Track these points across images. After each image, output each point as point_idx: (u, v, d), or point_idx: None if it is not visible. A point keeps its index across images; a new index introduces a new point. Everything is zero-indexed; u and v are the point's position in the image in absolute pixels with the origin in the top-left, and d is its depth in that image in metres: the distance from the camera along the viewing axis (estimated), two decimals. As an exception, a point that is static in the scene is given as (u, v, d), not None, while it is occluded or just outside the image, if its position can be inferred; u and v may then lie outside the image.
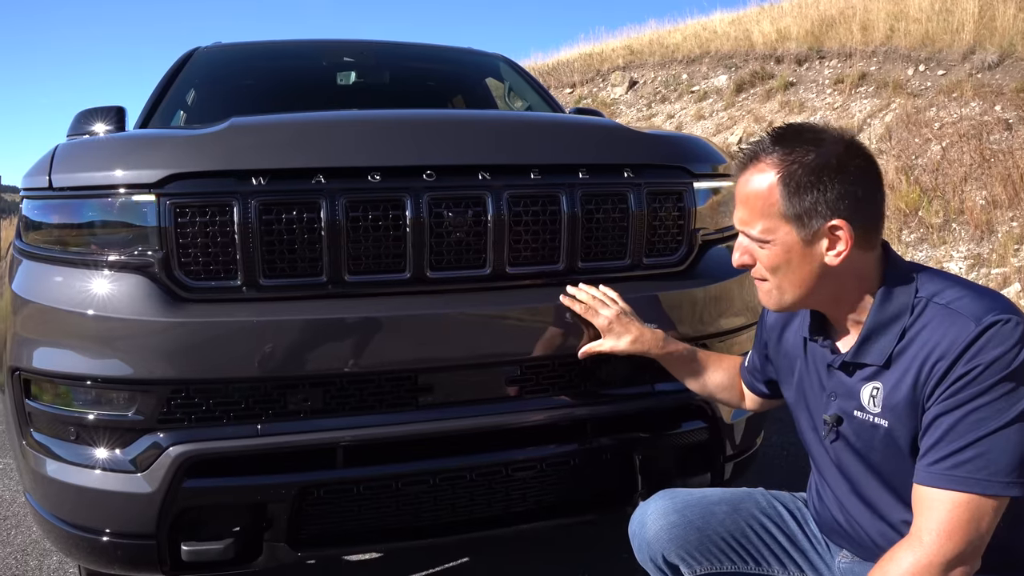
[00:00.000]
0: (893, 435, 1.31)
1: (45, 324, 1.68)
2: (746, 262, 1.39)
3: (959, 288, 1.28)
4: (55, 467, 1.70)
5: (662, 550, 1.56)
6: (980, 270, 6.04)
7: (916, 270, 1.34)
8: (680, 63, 13.39)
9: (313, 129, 1.83)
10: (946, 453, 1.22)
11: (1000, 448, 1.19)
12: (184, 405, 1.61)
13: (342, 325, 1.66)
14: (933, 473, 1.23)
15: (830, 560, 1.55)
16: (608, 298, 1.77)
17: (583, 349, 1.77)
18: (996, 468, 1.19)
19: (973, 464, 1.19)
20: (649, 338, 1.75)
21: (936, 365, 1.23)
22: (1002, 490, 1.19)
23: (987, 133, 7.32)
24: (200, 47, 3.59)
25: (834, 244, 1.29)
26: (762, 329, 1.69)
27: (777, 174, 1.30)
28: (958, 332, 1.22)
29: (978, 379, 1.20)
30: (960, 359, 1.21)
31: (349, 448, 1.68)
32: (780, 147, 1.31)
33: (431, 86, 3.89)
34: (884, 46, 10.03)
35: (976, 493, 1.19)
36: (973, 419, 1.20)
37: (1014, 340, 1.19)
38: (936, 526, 1.21)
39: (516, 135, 1.92)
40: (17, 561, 2.62)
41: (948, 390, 1.22)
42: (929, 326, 1.26)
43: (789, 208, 1.29)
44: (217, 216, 1.63)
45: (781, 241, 1.32)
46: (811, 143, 1.30)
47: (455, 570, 2.47)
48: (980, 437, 1.19)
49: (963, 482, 1.20)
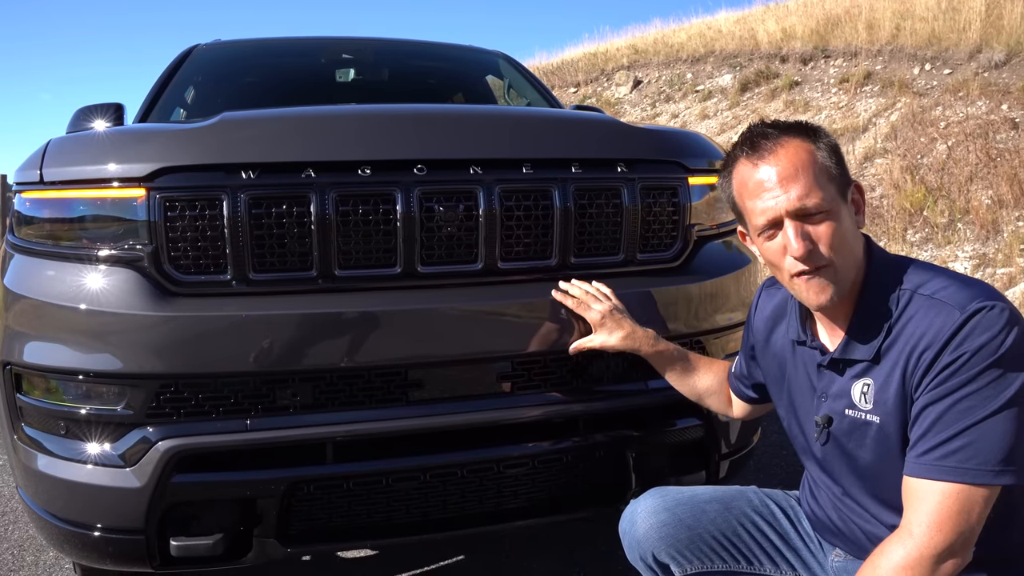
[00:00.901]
0: (885, 431, 1.30)
1: (35, 318, 1.67)
2: (810, 246, 1.27)
3: (943, 278, 1.27)
4: (46, 462, 1.69)
5: (652, 549, 1.54)
6: (986, 270, 6.00)
7: (899, 262, 1.33)
8: (685, 62, 13.37)
9: (303, 123, 1.83)
10: (935, 443, 1.20)
11: (989, 436, 1.17)
12: (173, 400, 1.61)
13: (332, 320, 1.65)
14: (922, 464, 1.21)
15: (823, 559, 1.53)
16: (601, 294, 1.75)
17: (574, 344, 1.76)
18: (985, 457, 1.17)
19: (962, 453, 1.18)
20: (640, 335, 1.74)
21: (923, 355, 1.22)
22: (992, 479, 1.17)
23: (993, 132, 7.28)
24: (199, 44, 3.59)
25: (858, 207, 1.34)
26: (749, 333, 1.68)
27: (812, 141, 1.31)
28: (943, 321, 1.21)
29: (965, 367, 1.18)
30: (946, 348, 1.20)
31: (339, 444, 1.68)
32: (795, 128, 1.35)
33: (431, 84, 3.87)
34: (890, 45, 9.99)
35: (966, 483, 1.18)
36: (961, 408, 1.19)
37: (999, 326, 1.18)
38: (926, 518, 1.19)
39: (508, 129, 1.91)
40: (14, 557, 2.63)
41: (935, 379, 1.21)
42: (915, 318, 1.25)
43: (836, 171, 1.31)
44: (206, 210, 1.62)
45: (838, 208, 1.29)
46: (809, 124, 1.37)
47: (451, 568, 2.46)
48: (968, 426, 1.18)
49: (952, 472, 1.18)
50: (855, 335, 1.32)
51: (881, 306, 1.29)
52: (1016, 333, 1.17)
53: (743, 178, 1.36)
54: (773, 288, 1.61)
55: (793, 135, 1.33)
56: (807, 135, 1.33)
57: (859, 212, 1.35)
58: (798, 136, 1.32)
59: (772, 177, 1.30)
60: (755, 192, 1.33)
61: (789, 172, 1.28)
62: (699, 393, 1.79)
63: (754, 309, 1.66)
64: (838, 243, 1.28)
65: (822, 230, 1.28)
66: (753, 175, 1.33)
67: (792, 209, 1.28)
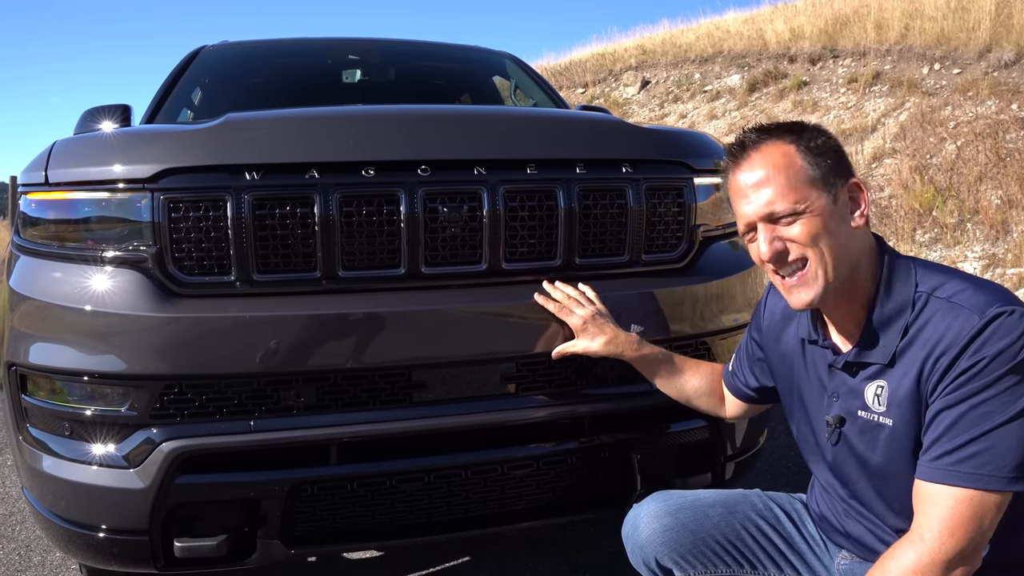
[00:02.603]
0: (897, 434, 1.29)
1: (40, 319, 1.68)
2: (779, 248, 1.32)
3: (960, 281, 1.25)
4: (51, 463, 1.70)
5: (655, 553, 1.53)
6: (995, 270, 5.96)
7: (914, 264, 1.31)
8: (693, 63, 13.33)
9: (306, 124, 1.82)
10: (949, 448, 1.19)
11: (1005, 443, 1.16)
12: (177, 401, 1.61)
13: (336, 321, 1.64)
14: (936, 468, 1.20)
15: (829, 562, 1.52)
16: (584, 298, 1.73)
17: (556, 349, 1.74)
18: (1000, 463, 1.16)
19: (977, 459, 1.17)
20: (623, 340, 1.72)
21: (940, 359, 1.21)
22: (1006, 486, 1.16)
23: (1003, 132, 7.23)
24: (206, 45, 3.60)
25: (856, 204, 1.32)
26: (755, 332, 1.66)
27: (793, 144, 1.31)
28: (962, 325, 1.19)
29: (983, 372, 1.17)
30: (964, 352, 1.18)
31: (343, 445, 1.67)
32: (777, 131, 1.34)
33: (438, 84, 3.87)
34: (899, 45, 9.94)
35: (980, 489, 1.17)
36: (978, 413, 1.17)
37: (1019, 332, 1.17)
38: (938, 523, 1.18)
39: (512, 130, 1.90)
40: (21, 557, 2.64)
41: (952, 384, 1.20)
42: (932, 321, 1.24)
43: (815, 171, 1.30)
44: (210, 211, 1.62)
45: (815, 207, 1.29)
46: (795, 125, 1.36)
47: (456, 569, 2.46)
48: (985, 432, 1.17)
49: (967, 478, 1.17)
50: (870, 337, 1.31)
51: (896, 308, 1.28)
52: None
53: (729, 183, 1.41)
54: None
55: (774, 138, 1.34)
56: (789, 136, 1.33)
57: (856, 210, 1.32)
58: (778, 138, 1.33)
59: (747, 182, 1.34)
60: (735, 197, 1.38)
61: (760, 177, 1.32)
62: (687, 395, 1.77)
63: (763, 308, 1.65)
64: (815, 237, 1.29)
65: (795, 231, 1.30)
66: (735, 181, 1.37)
67: (761, 214, 1.32)
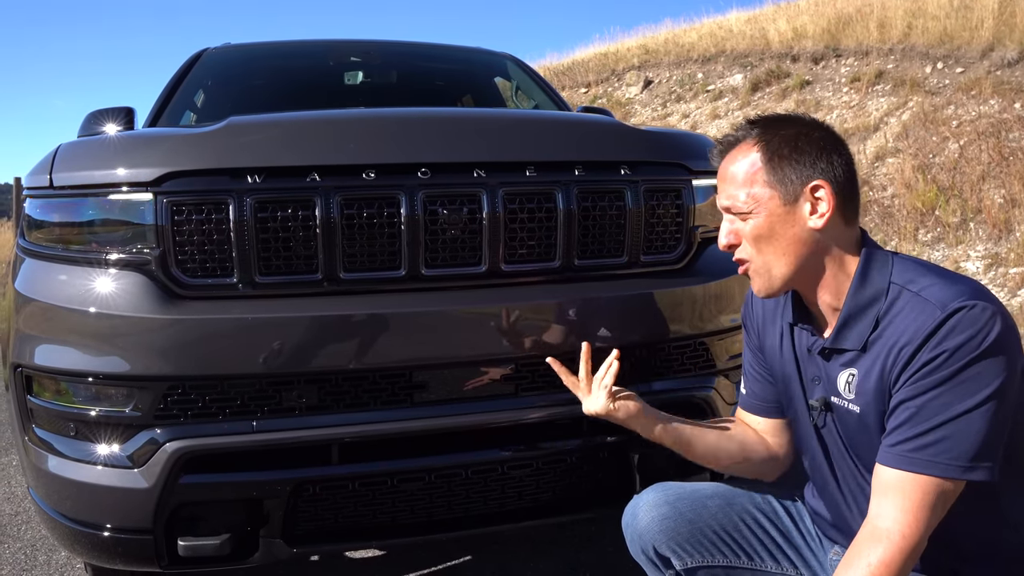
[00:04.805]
0: (865, 421, 1.32)
1: (45, 321, 1.70)
2: (732, 241, 1.39)
3: (931, 276, 1.28)
4: (56, 463, 1.72)
5: (653, 542, 1.55)
6: (998, 270, 5.95)
7: (893, 258, 1.33)
8: (695, 62, 13.32)
9: (308, 127, 1.84)
10: (910, 435, 1.22)
11: (964, 432, 1.19)
12: (181, 401, 1.63)
13: (337, 322, 1.66)
14: (895, 454, 1.23)
15: (823, 557, 1.54)
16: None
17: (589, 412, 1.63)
18: (958, 452, 1.19)
19: (937, 447, 1.19)
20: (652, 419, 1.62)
21: (902, 351, 1.24)
22: (962, 474, 1.19)
23: (1006, 131, 7.22)
24: (209, 48, 3.62)
25: (816, 207, 1.31)
26: (751, 337, 1.64)
27: (756, 146, 1.35)
28: (924, 319, 1.22)
29: (944, 365, 1.19)
30: (925, 345, 1.21)
31: (345, 445, 1.69)
32: (758, 127, 1.38)
33: (440, 85, 3.89)
34: (901, 44, 9.92)
35: (937, 476, 1.19)
36: (938, 404, 1.20)
37: (979, 324, 1.19)
38: (899, 512, 1.21)
39: (511, 132, 1.92)
40: (27, 556, 2.66)
41: (914, 376, 1.22)
42: (901, 314, 1.27)
43: (771, 173, 1.33)
44: (213, 214, 1.64)
45: (765, 207, 1.33)
46: (785, 120, 1.38)
47: (458, 568, 2.47)
48: (944, 421, 1.19)
49: (926, 464, 1.20)
50: (846, 324, 1.34)
51: (868, 299, 1.31)
52: (997, 332, 1.18)
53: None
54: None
55: (746, 136, 1.38)
56: (760, 134, 1.36)
57: (816, 210, 1.30)
58: (749, 136, 1.37)
59: (720, 174, 1.42)
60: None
61: (724, 174, 1.39)
62: (733, 455, 1.61)
63: (750, 306, 1.63)
64: (758, 238, 1.35)
65: (742, 228, 1.37)
66: (719, 169, 1.43)
67: (722, 206, 1.41)
